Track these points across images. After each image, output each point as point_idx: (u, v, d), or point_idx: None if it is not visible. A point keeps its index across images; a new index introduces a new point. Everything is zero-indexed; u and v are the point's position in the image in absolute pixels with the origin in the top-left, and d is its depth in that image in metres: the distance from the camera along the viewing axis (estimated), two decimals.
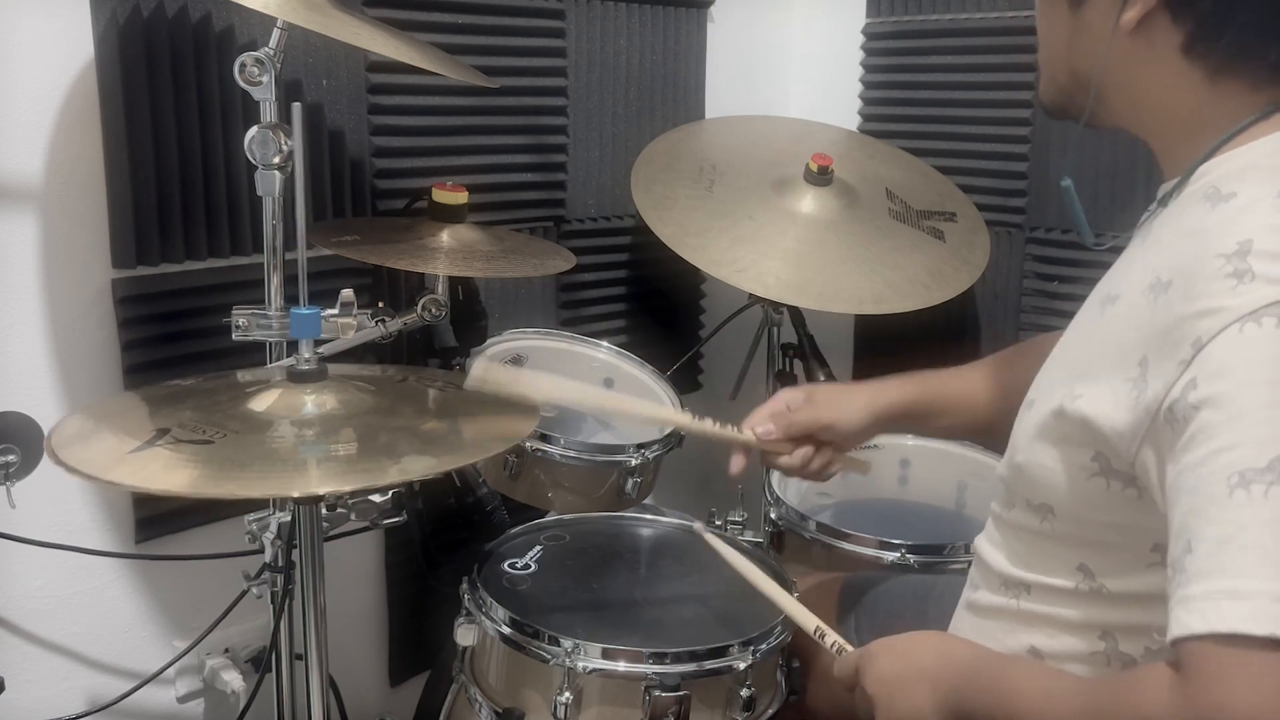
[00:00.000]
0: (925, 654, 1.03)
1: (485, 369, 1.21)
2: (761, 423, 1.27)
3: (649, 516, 1.58)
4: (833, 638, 1.14)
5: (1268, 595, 0.72)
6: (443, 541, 1.42)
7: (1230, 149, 0.91)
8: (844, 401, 1.28)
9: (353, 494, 1.32)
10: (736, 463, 1.28)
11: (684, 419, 1.32)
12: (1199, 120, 0.93)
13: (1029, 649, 1.01)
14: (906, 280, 1.80)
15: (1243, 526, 0.74)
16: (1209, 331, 0.79)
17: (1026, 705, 0.90)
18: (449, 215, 1.58)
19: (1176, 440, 0.80)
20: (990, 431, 1.26)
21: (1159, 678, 0.78)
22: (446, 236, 1.55)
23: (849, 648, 1.11)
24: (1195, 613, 0.75)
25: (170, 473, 1.00)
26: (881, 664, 1.04)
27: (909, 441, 1.85)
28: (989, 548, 1.08)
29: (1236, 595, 0.73)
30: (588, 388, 1.39)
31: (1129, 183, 1.84)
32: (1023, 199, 2.03)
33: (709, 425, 1.28)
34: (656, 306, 2.20)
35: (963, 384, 1.30)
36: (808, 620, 1.18)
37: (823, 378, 1.86)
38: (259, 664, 1.67)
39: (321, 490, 1.04)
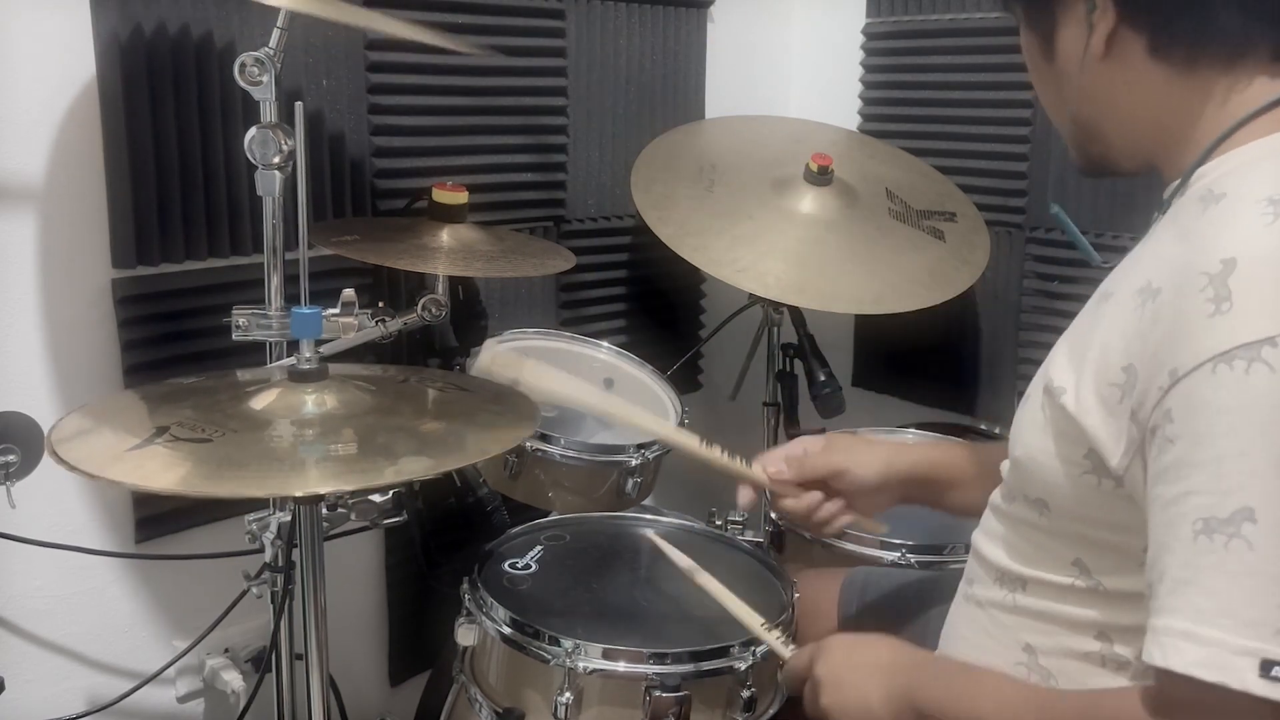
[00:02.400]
0: (880, 650, 1.07)
1: (493, 358, 1.20)
2: (775, 463, 1.26)
3: (649, 516, 1.57)
4: (779, 634, 1.18)
5: (1220, 645, 0.77)
6: (443, 541, 1.42)
7: (1226, 150, 0.91)
8: (862, 451, 1.26)
9: (353, 494, 1.32)
10: (744, 495, 1.28)
11: (689, 441, 1.28)
12: (1188, 119, 0.93)
13: (1025, 646, 1.01)
14: (906, 280, 1.80)
15: (1202, 571, 0.78)
16: (1184, 365, 0.80)
17: (986, 710, 0.94)
18: (449, 215, 1.57)
19: (1155, 465, 0.83)
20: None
21: (1136, 709, 0.83)
22: (446, 236, 1.55)
23: (794, 646, 1.16)
24: (1157, 645, 0.80)
25: (168, 471, 1.00)
26: (835, 654, 1.08)
27: (909, 440, 1.85)
28: (986, 541, 1.08)
29: (1191, 638, 0.78)
30: (591, 390, 1.34)
31: (1131, 184, 1.84)
32: (1023, 199, 2.03)
33: (717, 453, 1.25)
34: (656, 306, 2.20)
35: (973, 457, 1.26)
36: (752, 619, 1.20)
37: (823, 377, 1.86)
38: (259, 664, 1.66)
39: (320, 490, 1.04)
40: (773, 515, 1.65)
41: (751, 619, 1.20)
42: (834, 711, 1.05)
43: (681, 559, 1.27)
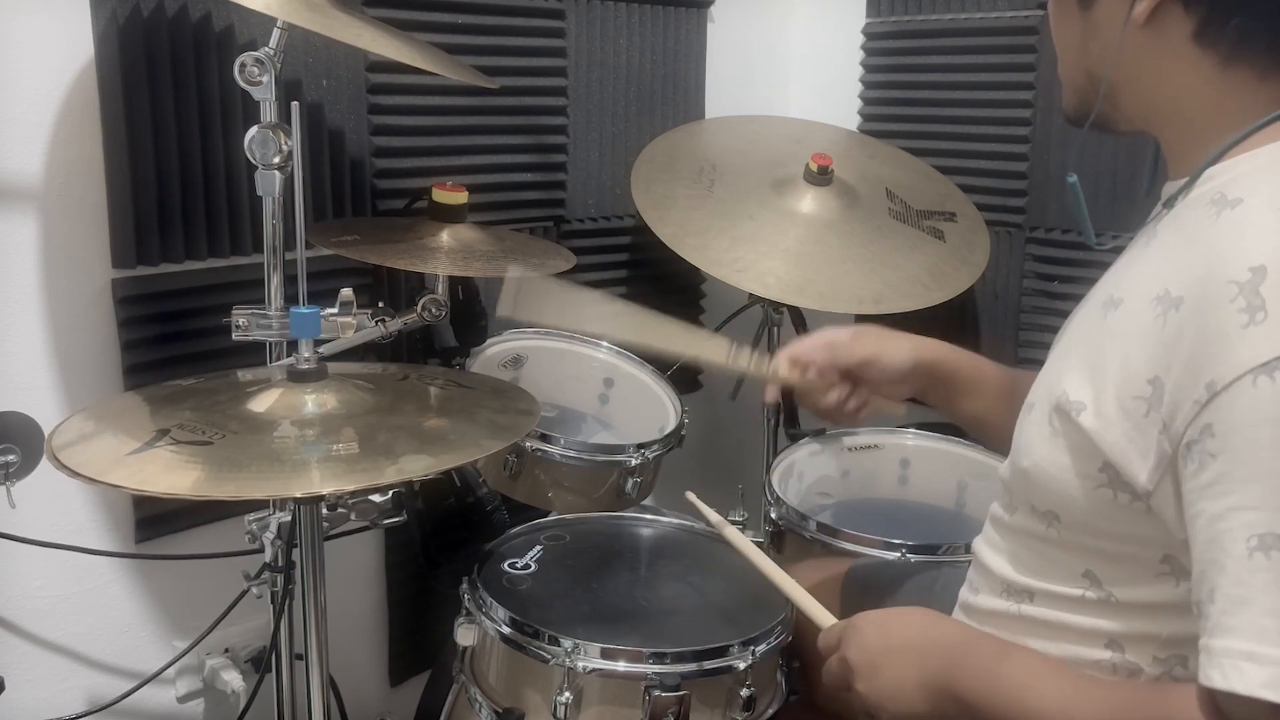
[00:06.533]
0: (911, 629, 1.04)
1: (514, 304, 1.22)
2: (807, 352, 1.27)
3: (649, 516, 1.57)
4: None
5: None
6: (443, 541, 1.42)
7: (1239, 153, 0.90)
8: (890, 340, 1.28)
9: (353, 494, 1.32)
10: (771, 392, 1.30)
11: (720, 352, 1.29)
12: (1210, 114, 0.92)
13: None
14: (906, 280, 1.80)
15: (1262, 590, 0.77)
16: (1222, 378, 0.78)
17: (1035, 704, 0.90)
18: (449, 215, 1.58)
19: (1194, 480, 0.81)
20: (994, 433, 1.25)
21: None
22: (446, 236, 1.55)
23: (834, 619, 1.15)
24: (1217, 667, 0.78)
25: (169, 474, 1.00)
26: (866, 634, 1.05)
27: (909, 441, 1.85)
28: (989, 552, 1.07)
29: (1255, 659, 0.76)
30: (617, 320, 1.36)
31: (1131, 182, 1.84)
32: (1023, 199, 2.03)
33: (744, 360, 1.28)
34: (657, 307, 2.18)
35: (995, 372, 1.29)
36: (789, 583, 1.22)
37: None
38: (259, 664, 1.67)
39: (321, 490, 1.04)
40: (772, 482, 1.66)
41: (788, 583, 1.22)
42: (869, 698, 1.02)
43: (713, 515, 1.34)
